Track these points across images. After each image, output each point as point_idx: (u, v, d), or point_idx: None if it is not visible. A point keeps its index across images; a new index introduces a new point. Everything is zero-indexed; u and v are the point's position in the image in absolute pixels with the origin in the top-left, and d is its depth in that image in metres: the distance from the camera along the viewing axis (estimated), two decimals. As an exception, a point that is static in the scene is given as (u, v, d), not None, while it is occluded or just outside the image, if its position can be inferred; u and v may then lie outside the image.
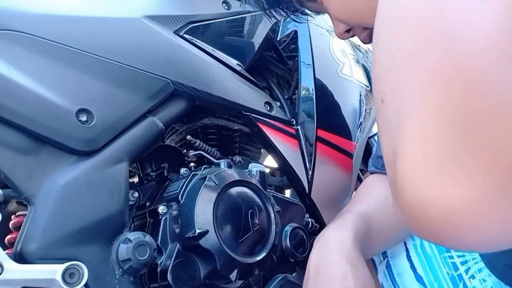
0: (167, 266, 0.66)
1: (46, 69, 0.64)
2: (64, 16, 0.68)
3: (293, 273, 0.81)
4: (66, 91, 0.64)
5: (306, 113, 0.92)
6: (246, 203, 0.73)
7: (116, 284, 0.62)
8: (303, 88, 0.94)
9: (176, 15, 0.79)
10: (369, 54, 1.14)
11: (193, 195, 0.69)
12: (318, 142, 0.92)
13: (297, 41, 0.97)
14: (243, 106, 0.82)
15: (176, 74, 0.74)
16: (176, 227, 0.68)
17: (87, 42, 0.68)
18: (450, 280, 0.74)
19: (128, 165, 0.68)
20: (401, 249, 0.81)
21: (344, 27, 0.61)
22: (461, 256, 0.77)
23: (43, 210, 0.60)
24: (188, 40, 0.79)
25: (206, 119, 0.89)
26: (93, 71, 0.67)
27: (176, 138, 0.94)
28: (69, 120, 0.63)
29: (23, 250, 0.58)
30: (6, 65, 0.60)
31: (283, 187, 1.00)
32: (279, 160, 0.88)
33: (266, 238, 0.74)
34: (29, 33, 0.63)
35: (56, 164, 0.63)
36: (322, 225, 0.90)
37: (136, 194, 0.74)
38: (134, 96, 0.70)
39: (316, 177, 0.90)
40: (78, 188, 0.63)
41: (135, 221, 0.73)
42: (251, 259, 0.71)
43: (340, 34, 0.62)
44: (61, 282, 0.57)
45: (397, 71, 0.34)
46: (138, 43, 0.72)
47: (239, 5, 0.89)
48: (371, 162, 0.88)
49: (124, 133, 0.68)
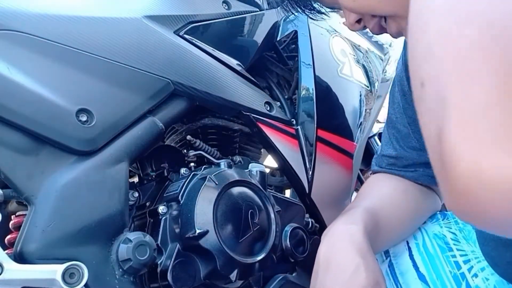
0: (167, 266, 0.66)
1: (46, 69, 0.64)
2: (64, 16, 0.68)
3: (293, 273, 0.81)
4: (66, 91, 0.64)
5: (306, 113, 0.92)
6: (246, 203, 0.73)
7: (116, 284, 0.62)
8: (303, 88, 0.94)
9: (176, 15, 0.79)
10: (369, 54, 1.14)
11: (193, 195, 0.69)
12: (318, 142, 0.92)
13: (297, 41, 0.97)
14: (243, 106, 0.82)
15: (176, 74, 0.74)
16: (176, 227, 0.68)
17: (87, 42, 0.68)
18: (453, 278, 0.74)
19: (128, 165, 0.68)
20: (403, 248, 0.81)
21: (355, 17, 0.61)
22: (464, 255, 0.77)
23: (43, 210, 0.60)
24: (188, 40, 0.79)
25: (206, 119, 0.89)
26: (93, 71, 0.67)
27: (176, 138, 0.94)
28: (69, 120, 0.63)
29: (23, 250, 0.58)
30: (6, 65, 0.60)
31: (283, 187, 1.00)
32: (279, 160, 0.88)
33: (266, 238, 0.74)
34: (29, 33, 0.63)
35: (56, 164, 0.63)
36: (322, 225, 0.91)
37: (136, 194, 0.74)
38: (134, 96, 0.70)
39: (316, 177, 0.90)
40: (78, 188, 0.63)
41: (135, 221, 0.73)
42: (251, 259, 0.71)
43: (351, 25, 0.63)
44: (61, 282, 0.57)
45: (437, 53, 0.34)
46: (138, 43, 0.72)
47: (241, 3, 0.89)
48: (375, 162, 0.88)
49: (124, 133, 0.68)
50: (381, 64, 1.17)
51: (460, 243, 0.79)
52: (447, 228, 0.82)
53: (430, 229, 0.83)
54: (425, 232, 0.82)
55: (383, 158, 0.85)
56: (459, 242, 0.80)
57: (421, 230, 0.83)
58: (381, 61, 1.18)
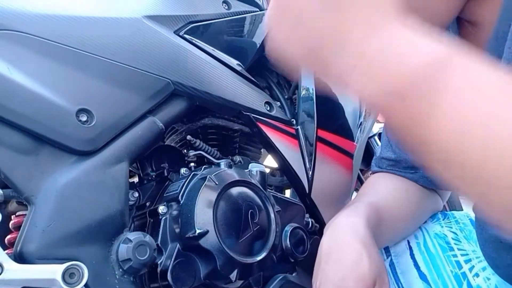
0: (167, 266, 0.66)
1: (46, 69, 0.64)
2: (64, 16, 0.68)
3: (293, 273, 0.81)
4: (66, 91, 0.64)
5: (306, 113, 0.92)
6: (246, 203, 0.73)
7: (116, 284, 0.62)
8: (303, 88, 0.94)
9: (176, 15, 0.79)
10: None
11: (193, 195, 0.69)
12: (318, 142, 0.92)
13: (297, 41, 0.97)
14: (243, 106, 0.82)
15: (176, 74, 0.74)
16: (176, 227, 0.68)
17: (87, 42, 0.68)
18: (454, 278, 0.74)
19: (128, 165, 0.68)
20: (404, 248, 0.81)
21: None
22: (465, 254, 0.77)
23: (43, 210, 0.60)
24: (188, 40, 0.79)
25: (206, 119, 0.89)
26: (93, 71, 0.67)
27: (176, 138, 0.94)
28: (69, 120, 0.63)
29: (23, 250, 0.58)
30: (6, 65, 0.60)
31: (283, 187, 1.00)
32: (279, 160, 0.88)
33: (266, 238, 0.74)
34: (29, 33, 0.63)
35: (56, 164, 0.63)
36: (322, 225, 0.90)
37: (136, 194, 0.74)
38: (134, 96, 0.70)
39: (316, 177, 0.90)
40: (78, 188, 0.63)
41: (135, 221, 0.73)
42: (251, 259, 0.71)
43: None
44: (61, 282, 0.57)
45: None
46: (138, 43, 0.72)
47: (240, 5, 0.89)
48: (375, 163, 0.88)
49: (124, 133, 0.68)
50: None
51: (461, 243, 0.79)
52: (448, 228, 0.82)
53: (431, 229, 0.83)
54: (426, 232, 0.82)
55: (383, 160, 0.85)
56: (460, 241, 0.80)
57: (422, 230, 0.83)
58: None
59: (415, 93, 0.32)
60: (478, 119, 0.30)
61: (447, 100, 0.32)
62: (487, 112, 0.30)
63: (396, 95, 0.33)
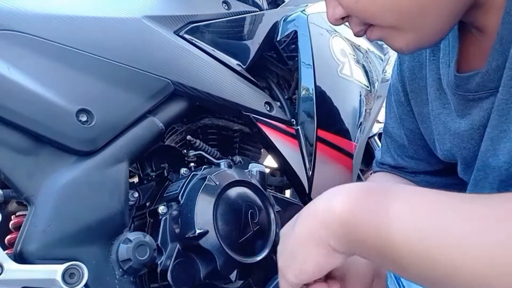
0: (167, 266, 0.66)
1: (46, 69, 0.64)
2: (64, 16, 0.68)
3: (293, 273, 0.81)
4: (66, 91, 0.64)
5: (306, 113, 0.92)
6: (246, 203, 0.73)
7: (116, 284, 0.62)
8: (303, 88, 0.94)
9: (176, 15, 0.79)
10: (369, 54, 1.14)
11: (193, 195, 0.69)
12: (318, 142, 0.92)
13: (297, 41, 0.97)
14: (243, 106, 0.82)
15: (176, 74, 0.74)
16: (176, 227, 0.68)
17: (87, 42, 0.68)
18: None
19: (128, 165, 0.68)
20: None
21: (342, 13, 0.50)
22: None
23: (43, 210, 0.60)
24: (188, 40, 0.79)
25: (206, 119, 0.89)
26: (93, 71, 0.67)
27: (176, 138, 0.94)
28: (69, 120, 0.63)
29: (23, 250, 0.58)
30: (6, 65, 0.60)
31: (283, 187, 1.00)
32: (279, 160, 0.88)
33: (266, 238, 0.74)
34: (29, 33, 0.63)
35: (56, 164, 0.63)
36: (322, 225, 0.90)
37: (136, 194, 0.74)
38: (134, 96, 0.70)
39: (316, 177, 0.90)
40: (78, 188, 0.63)
41: (135, 221, 0.73)
42: (251, 259, 0.71)
43: (333, 19, 0.53)
44: (61, 282, 0.57)
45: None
46: (138, 43, 0.72)
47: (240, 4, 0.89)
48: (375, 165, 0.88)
49: (124, 133, 0.68)
50: (381, 64, 1.17)
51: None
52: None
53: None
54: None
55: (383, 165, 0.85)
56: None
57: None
58: (381, 61, 1.18)
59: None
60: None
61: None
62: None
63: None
